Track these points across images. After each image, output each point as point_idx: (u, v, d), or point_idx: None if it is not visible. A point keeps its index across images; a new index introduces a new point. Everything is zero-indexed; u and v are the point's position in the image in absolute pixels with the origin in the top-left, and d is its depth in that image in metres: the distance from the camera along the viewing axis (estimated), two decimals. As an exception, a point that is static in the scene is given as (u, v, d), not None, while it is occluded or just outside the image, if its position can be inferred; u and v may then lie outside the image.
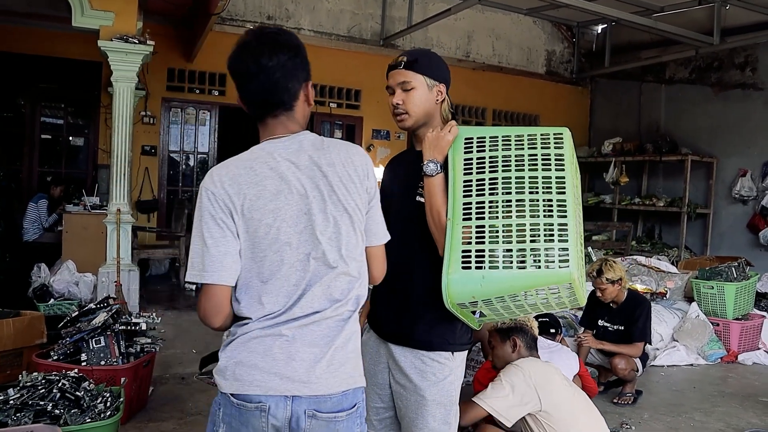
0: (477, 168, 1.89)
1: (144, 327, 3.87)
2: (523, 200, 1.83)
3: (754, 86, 9.35)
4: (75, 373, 3.17)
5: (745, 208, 9.45)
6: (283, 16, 9.39)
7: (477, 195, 1.86)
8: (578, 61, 11.94)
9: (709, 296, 6.07)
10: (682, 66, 10.41)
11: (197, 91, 9.15)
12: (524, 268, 1.78)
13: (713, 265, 6.55)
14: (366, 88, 10.08)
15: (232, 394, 1.49)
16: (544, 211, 1.81)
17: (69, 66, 8.43)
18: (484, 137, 1.94)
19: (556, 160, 1.85)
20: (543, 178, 1.84)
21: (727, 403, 4.63)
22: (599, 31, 11.68)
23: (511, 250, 1.79)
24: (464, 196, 1.87)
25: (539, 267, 1.77)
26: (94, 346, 3.60)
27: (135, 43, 5.97)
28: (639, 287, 6.37)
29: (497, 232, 1.83)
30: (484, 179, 1.88)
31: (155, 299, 7.02)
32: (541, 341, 3.83)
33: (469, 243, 1.83)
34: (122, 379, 3.44)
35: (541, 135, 1.90)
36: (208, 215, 1.50)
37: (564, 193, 1.82)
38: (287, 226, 1.51)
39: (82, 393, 2.98)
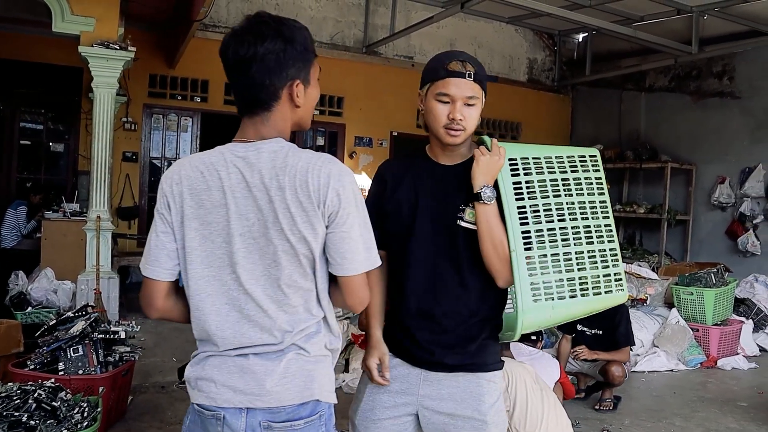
0: (528, 193, 1.81)
1: (123, 335, 3.83)
2: (577, 227, 1.84)
3: (731, 95, 9.49)
4: (52, 382, 3.12)
5: (724, 215, 9.58)
6: (266, 23, 9.37)
7: (534, 223, 1.80)
8: (560, 69, 12.05)
9: (689, 302, 6.14)
10: (662, 74, 10.55)
11: (179, 98, 9.10)
12: (586, 295, 1.82)
13: (693, 272, 6.63)
14: (349, 95, 10.09)
15: (196, 403, 1.51)
16: (597, 236, 1.85)
17: (49, 71, 8.34)
18: (528, 158, 1.86)
19: (597, 183, 1.89)
20: (589, 203, 1.87)
21: (706, 408, 4.68)
22: (580, 39, 11.82)
23: (573, 279, 1.81)
24: (521, 224, 1.79)
25: (599, 293, 1.83)
26: (72, 355, 3.55)
27: (116, 48, 5.93)
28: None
29: (559, 260, 1.81)
30: (538, 205, 1.81)
31: (135, 307, 6.93)
32: (522, 348, 3.86)
33: (535, 274, 1.78)
34: (100, 389, 3.39)
35: (579, 157, 1.90)
36: (157, 211, 1.51)
37: (608, 217, 1.89)
38: (222, 242, 1.46)
39: (59, 403, 2.93)
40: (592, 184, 1.88)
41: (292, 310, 1.47)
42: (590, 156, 1.91)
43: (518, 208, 1.80)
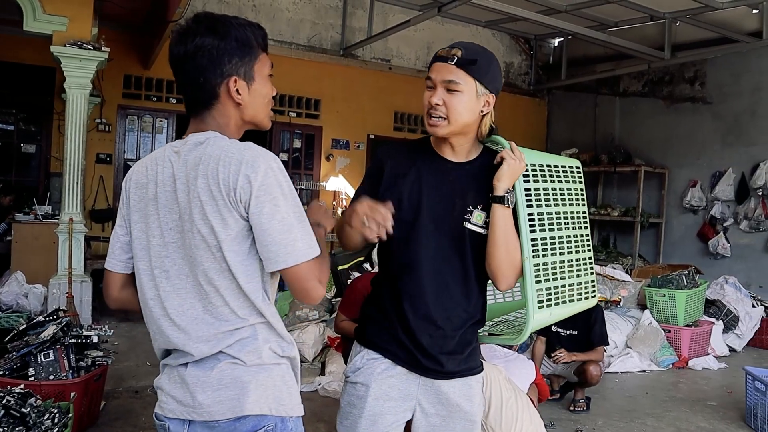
0: (536, 200, 1.82)
1: (96, 340, 3.78)
2: (570, 236, 1.92)
3: (703, 100, 9.67)
4: (21, 388, 3.07)
5: (696, 218, 9.75)
6: (243, 24, 9.32)
7: (540, 230, 1.81)
8: (535, 74, 12.17)
9: (661, 304, 6.23)
10: (636, 79, 10.71)
11: (154, 99, 9.01)
12: (573, 300, 1.92)
13: (665, 274, 6.74)
14: (326, 97, 10.08)
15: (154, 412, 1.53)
16: (582, 245, 1.96)
17: (20, 71, 8.20)
18: (534, 165, 1.87)
19: (581, 195, 1.99)
20: (576, 213, 1.95)
21: (677, 408, 4.75)
22: (556, 44, 11.96)
23: (565, 285, 1.89)
24: (530, 231, 1.80)
25: (581, 298, 1.94)
26: (43, 360, 3.49)
27: (89, 49, 5.85)
28: (594, 295, 6.48)
29: (563, 268, 1.89)
30: (543, 213, 1.83)
31: (109, 311, 6.84)
32: (497, 350, 3.88)
33: (540, 281, 1.81)
34: (72, 394, 3.34)
35: (568, 167, 1.97)
36: (119, 206, 1.57)
37: (587, 227, 2.00)
38: (152, 236, 1.47)
39: (28, 409, 2.88)
40: (578, 195, 1.97)
41: (215, 311, 1.40)
42: (576, 167, 1.99)
43: (529, 215, 1.80)
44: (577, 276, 1.92)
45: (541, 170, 1.86)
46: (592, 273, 1.98)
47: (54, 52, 5.82)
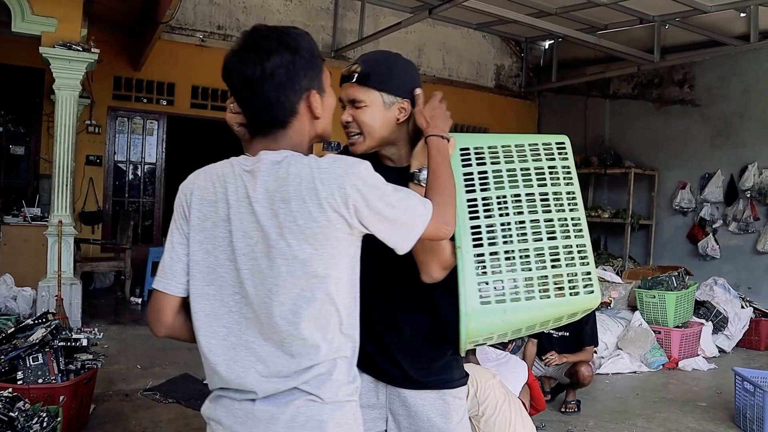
0: (481, 184, 1.65)
1: (85, 343, 3.75)
2: (537, 220, 1.63)
3: (692, 102, 9.74)
4: (9, 392, 3.04)
5: (685, 219, 9.81)
6: (234, 26, 9.31)
7: (485, 216, 1.62)
8: (526, 76, 12.21)
9: (651, 305, 6.27)
10: (625, 82, 10.77)
11: (145, 101, 8.96)
12: (548, 296, 1.59)
13: (655, 275, 6.77)
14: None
15: None
16: (561, 231, 1.63)
17: (9, 72, 8.14)
18: (482, 147, 1.71)
19: (564, 172, 1.70)
20: (554, 194, 1.67)
21: (667, 409, 4.78)
22: (546, 46, 12.01)
23: (531, 278, 1.59)
24: (471, 218, 1.62)
25: (563, 295, 1.59)
26: (32, 363, 3.46)
27: (79, 50, 5.82)
28: (585, 297, 6.51)
29: (514, 258, 1.61)
30: (490, 197, 1.64)
31: (99, 314, 6.81)
32: (489, 353, 3.87)
33: (485, 273, 1.59)
34: (61, 398, 3.32)
35: (543, 145, 1.72)
36: (174, 220, 1.43)
37: (577, 209, 1.66)
38: (225, 258, 1.35)
39: (17, 413, 2.86)
40: (557, 173, 1.69)
41: (295, 345, 1.31)
42: (557, 143, 1.73)
43: (469, 201, 1.64)
44: (555, 267, 1.59)
45: (492, 152, 1.69)
46: (584, 263, 1.61)
47: (43, 53, 5.78)
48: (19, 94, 8.54)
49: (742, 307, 7.09)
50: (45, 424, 2.92)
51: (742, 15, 8.46)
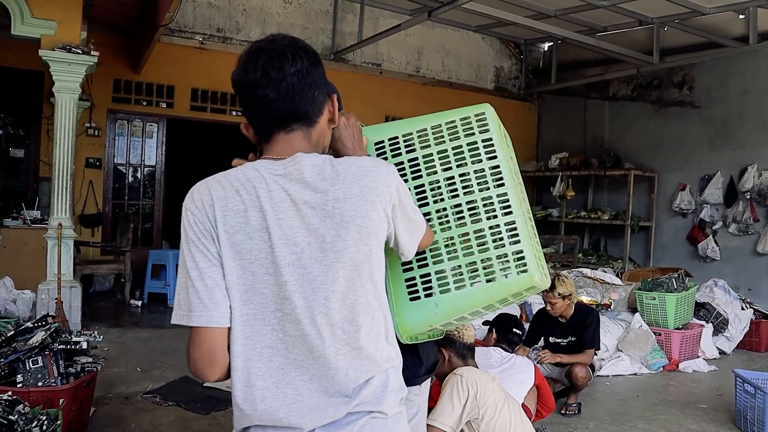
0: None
1: (85, 345, 3.74)
2: (459, 204, 1.57)
3: (691, 104, 9.75)
4: (9, 395, 3.03)
5: (685, 221, 9.81)
6: (233, 29, 9.32)
7: None
8: (526, 78, 12.22)
9: (651, 307, 6.26)
10: (625, 84, 10.78)
11: (144, 103, 8.97)
12: (477, 283, 1.52)
13: (655, 277, 6.76)
14: (317, 101, 10.07)
15: None
16: (486, 211, 1.55)
17: (8, 75, 8.14)
18: (396, 137, 1.65)
19: (485, 147, 1.59)
20: (475, 172, 1.58)
21: (668, 411, 4.77)
22: (546, 48, 12.03)
23: (460, 266, 1.53)
24: None
25: (493, 279, 1.51)
26: (31, 366, 3.45)
27: (78, 53, 5.82)
28: (585, 299, 6.52)
29: (439, 248, 1.56)
30: (409, 189, 1.55)
31: (99, 316, 6.81)
32: (493, 357, 3.82)
33: (411, 269, 1.55)
34: (60, 401, 3.31)
35: (462, 120, 1.63)
36: (190, 242, 1.25)
37: (503, 185, 1.56)
38: (264, 273, 1.23)
39: (16, 417, 2.85)
40: (477, 149, 1.59)
41: (355, 354, 1.24)
42: (476, 115, 1.62)
43: None
44: (482, 251, 1.52)
45: (407, 140, 1.64)
46: (513, 242, 1.51)
47: (42, 56, 5.78)
48: (18, 96, 8.54)
49: (743, 308, 7.08)
50: (45, 427, 2.91)
51: (741, 16, 8.48)
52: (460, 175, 1.58)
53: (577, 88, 11.38)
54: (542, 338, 4.94)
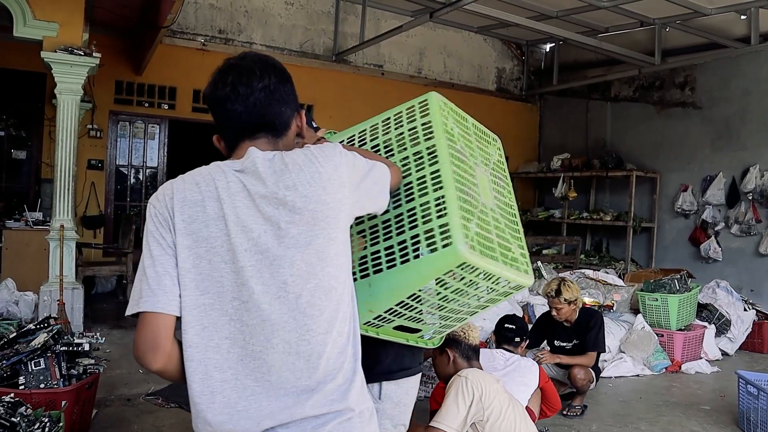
0: None
1: (87, 347, 3.74)
2: (397, 188, 1.61)
3: (693, 105, 9.74)
4: (11, 397, 3.03)
5: (687, 222, 9.80)
6: (235, 30, 9.33)
7: None
8: (527, 79, 12.22)
9: (654, 308, 6.25)
10: (626, 84, 10.77)
11: (146, 105, 8.98)
12: (407, 260, 1.51)
13: (657, 278, 6.75)
14: (318, 102, 10.07)
15: None
16: (419, 189, 1.57)
17: (10, 77, 8.16)
18: (353, 135, 1.79)
19: (423, 130, 1.65)
20: (414, 154, 1.63)
21: (671, 412, 4.76)
22: (547, 49, 12.02)
23: (392, 245, 1.54)
24: None
25: (418, 254, 1.50)
26: (33, 368, 3.45)
27: (80, 54, 5.82)
28: (587, 300, 6.51)
29: (377, 231, 1.58)
30: None
31: (101, 318, 6.81)
32: (497, 359, 3.80)
33: (353, 252, 1.56)
34: (62, 403, 3.31)
35: (407, 110, 1.74)
36: (149, 233, 1.29)
37: (436, 162, 1.57)
38: (220, 261, 1.25)
39: (18, 419, 2.85)
40: (416, 132, 1.66)
41: (325, 341, 1.24)
42: (420, 104, 1.73)
43: None
44: (413, 228, 1.53)
45: (360, 137, 1.80)
46: (440, 216, 1.49)
47: (44, 57, 5.78)
48: (20, 98, 8.55)
49: (745, 309, 7.06)
50: (47, 430, 2.91)
51: (743, 17, 8.47)
52: (401, 159, 1.64)
53: (579, 89, 11.37)
54: (546, 341, 4.93)
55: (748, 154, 8.93)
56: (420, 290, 1.54)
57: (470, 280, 1.56)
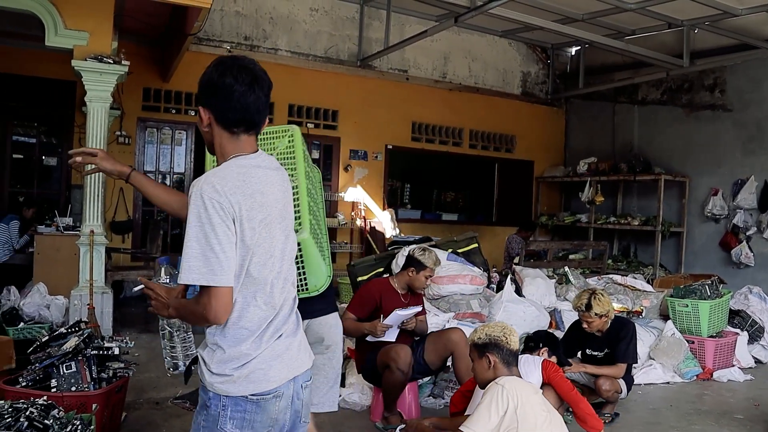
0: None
1: (117, 351, 3.79)
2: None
3: (723, 107, 9.57)
4: (44, 400, 3.07)
5: (717, 227, 9.62)
6: (261, 37, 9.41)
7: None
8: (553, 82, 12.12)
9: (684, 314, 6.13)
10: (654, 87, 10.62)
11: (173, 111, 9.10)
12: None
13: (687, 284, 6.62)
14: (343, 108, 10.12)
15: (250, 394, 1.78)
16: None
17: (42, 85, 8.34)
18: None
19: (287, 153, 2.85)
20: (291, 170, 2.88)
21: (702, 421, 4.66)
22: (573, 53, 11.91)
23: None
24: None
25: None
26: (65, 371, 3.50)
27: (109, 63, 5.92)
28: (615, 306, 6.41)
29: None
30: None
31: (129, 322, 6.90)
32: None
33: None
34: (93, 406, 3.35)
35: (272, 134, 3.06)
36: (214, 222, 1.64)
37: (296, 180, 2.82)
38: (275, 235, 1.78)
39: (51, 421, 2.89)
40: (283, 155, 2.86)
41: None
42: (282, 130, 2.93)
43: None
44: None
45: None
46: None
47: (75, 66, 5.89)
48: (51, 106, 8.74)
49: (779, 316, 6.90)
50: (78, 431, 2.95)
51: (775, 18, 8.30)
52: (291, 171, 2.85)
53: (606, 92, 11.25)
54: (579, 351, 4.84)
55: (781, 157, 8.75)
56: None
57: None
